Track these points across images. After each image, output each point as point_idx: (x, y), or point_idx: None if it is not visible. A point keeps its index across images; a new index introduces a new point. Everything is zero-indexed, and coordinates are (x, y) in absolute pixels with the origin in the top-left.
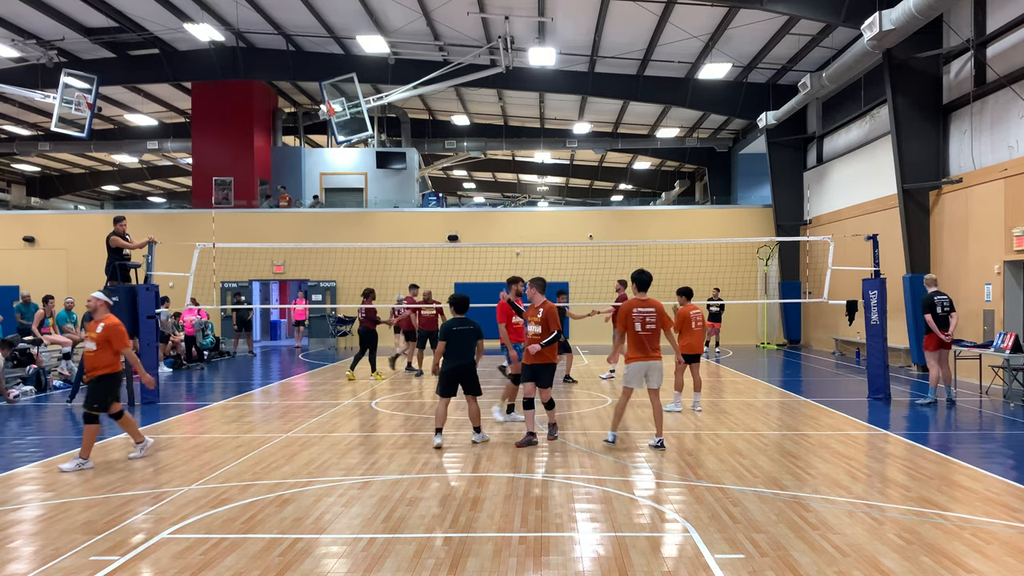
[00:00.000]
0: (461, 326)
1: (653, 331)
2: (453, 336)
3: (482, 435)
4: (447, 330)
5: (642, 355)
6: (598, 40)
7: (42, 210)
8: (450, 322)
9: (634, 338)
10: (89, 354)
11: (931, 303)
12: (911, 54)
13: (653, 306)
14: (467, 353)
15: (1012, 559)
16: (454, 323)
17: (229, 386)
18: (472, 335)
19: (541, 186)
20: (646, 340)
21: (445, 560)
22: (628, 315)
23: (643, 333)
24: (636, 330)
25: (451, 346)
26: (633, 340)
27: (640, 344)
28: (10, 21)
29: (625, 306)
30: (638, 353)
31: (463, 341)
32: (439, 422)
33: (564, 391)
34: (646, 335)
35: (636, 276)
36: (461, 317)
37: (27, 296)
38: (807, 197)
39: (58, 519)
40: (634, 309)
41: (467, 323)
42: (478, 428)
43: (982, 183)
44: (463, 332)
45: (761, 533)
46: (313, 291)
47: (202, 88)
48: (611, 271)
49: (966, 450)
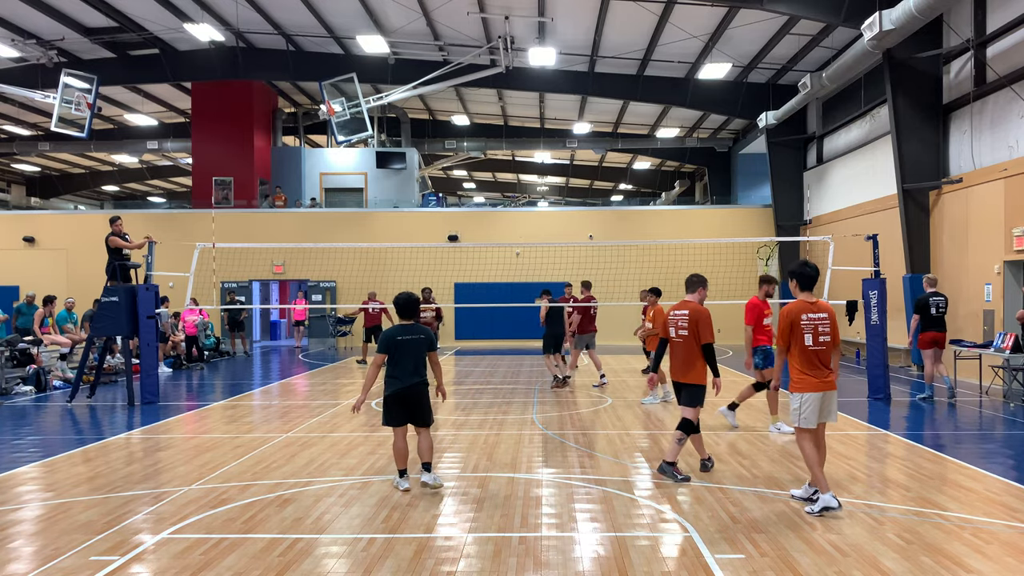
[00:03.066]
0: (407, 335)
1: (827, 344)
2: (396, 348)
3: (433, 476)
4: (388, 340)
5: (816, 379)
6: (598, 40)
7: (42, 210)
8: (392, 330)
9: (803, 354)
10: None
11: (925, 303)
12: (911, 54)
13: (825, 311)
14: (417, 370)
15: (1012, 559)
16: (398, 331)
17: (229, 386)
18: (422, 347)
19: (541, 186)
20: (817, 356)
21: (445, 560)
22: (796, 323)
23: (814, 348)
24: (806, 344)
25: (395, 361)
26: (801, 357)
27: (811, 363)
28: (10, 21)
29: (792, 310)
30: (809, 376)
31: (410, 355)
32: (400, 461)
33: (564, 390)
34: (818, 350)
35: (798, 271)
36: (408, 324)
37: (31, 296)
38: (807, 197)
39: (58, 519)
40: (803, 315)
41: (415, 331)
42: (428, 465)
43: (982, 183)
44: (409, 343)
45: (761, 533)
46: (313, 291)
47: (202, 88)
48: (611, 271)
49: (966, 450)
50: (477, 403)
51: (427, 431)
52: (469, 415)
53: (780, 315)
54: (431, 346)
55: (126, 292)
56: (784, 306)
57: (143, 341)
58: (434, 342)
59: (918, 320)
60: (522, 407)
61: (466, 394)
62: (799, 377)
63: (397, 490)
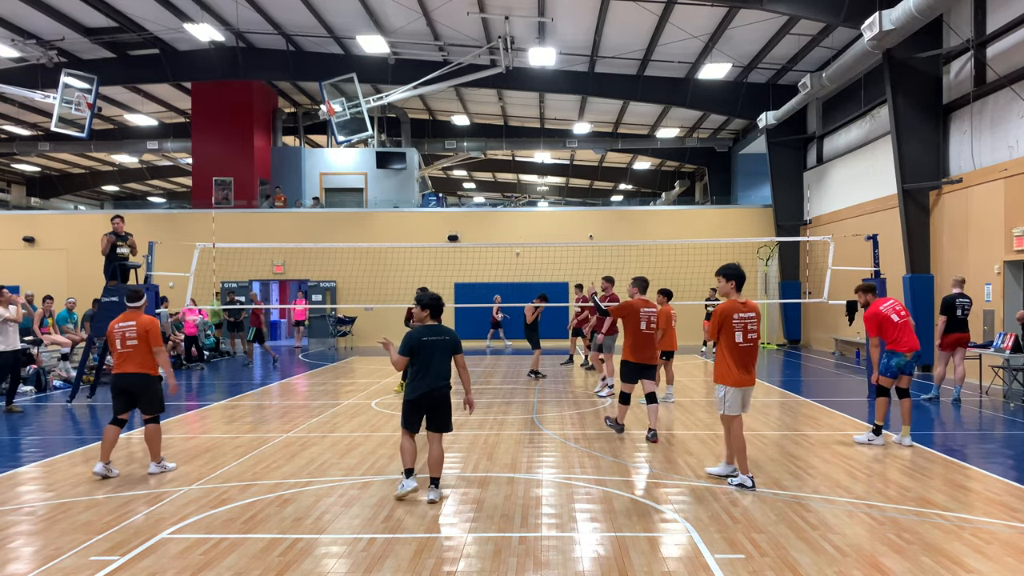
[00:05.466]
0: (432, 336)
1: (754, 342)
2: (420, 349)
3: (439, 492)
4: (411, 341)
5: (741, 374)
6: (598, 40)
7: (42, 210)
8: (416, 331)
9: (733, 351)
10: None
11: (952, 304)
12: (911, 54)
13: (754, 311)
14: (440, 373)
15: (1012, 559)
16: (422, 332)
17: (229, 386)
18: (447, 348)
19: (541, 186)
20: (748, 353)
21: (445, 560)
22: (727, 321)
23: (744, 345)
24: (736, 341)
25: (418, 364)
26: (731, 353)
27: (740, 359)
28: (10, 21)
29: (724, 309)
30: (736, 370)
31: (434, 357)
32: (407, 460)
33: (564, 390)
34: (747, 347)
35: (735, 273)
36: (433, 325)
37: (30, 296)
38: (807, 197)
39: (58, 519)
40: (735, 314)
41: (440, 332)
42: (436, 481)
43: (982, 183)
44: (434, 345)
45: (761, 533)
46: (313, 291)
47: (202, 88)
48: (611, 271)
49: (966, 450)
50: (477, 403)
51: (440, 439)
52: (469, 415)
53: (713, 313)
54: (456, 348)
55: (126, 292)
56: (717, 306)
57: None
58: (459, 344)
59: (945, 321)
60: (522, 407)
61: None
62: (726, 371)
63: (404, 492)
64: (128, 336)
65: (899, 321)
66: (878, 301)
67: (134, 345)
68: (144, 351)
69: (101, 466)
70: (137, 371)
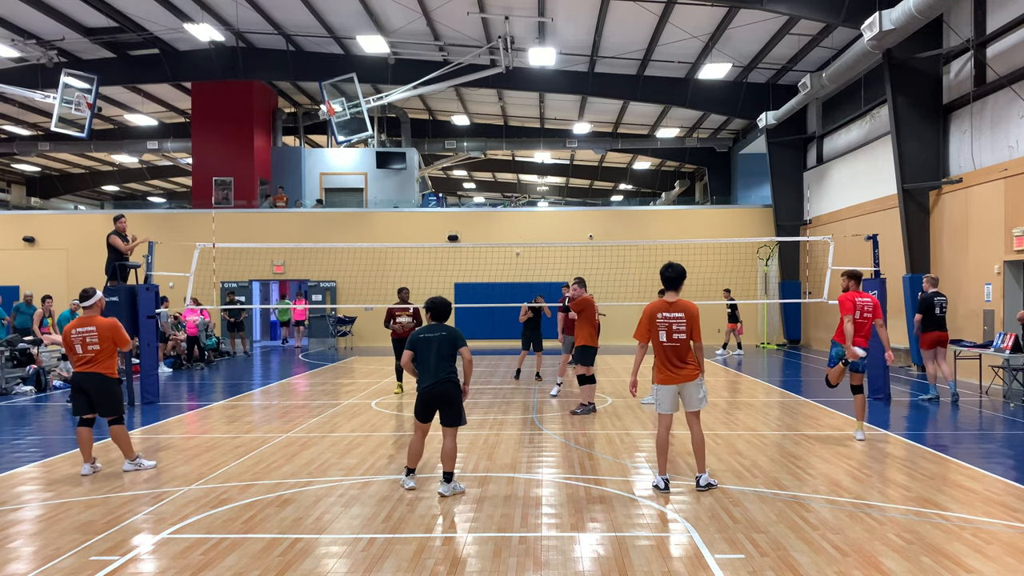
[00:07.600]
0: (429, 332)
1: (682, 342)
2: (419, 346)
3: (453, 486)
4: (412, 338)
5: (670, 372)
6: (598, 40)
7: (42, 210)
8: (419, 329)
9: (658, 350)
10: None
11: (930, 303)
12: (911, 54)
13: (682, 311)
14: (440, 368)
15: (1012, 559)
16: (422, 330)
17: (229, 386)
18: (444, 343)
19: (541, 186)
20: (674, 352)
21: (445, 560)
22: (652, 320)
23: (668, 344)
24: (660, 340)
25: (420, 360)
26: (657, 352)
27: (666, 358)
28: (10, 21)
29: (650, 309)
30: (664, 369)
31: (431, 352)
32: (411, 459)
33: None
34: (672, 346)
35: (663, 273)
36: (435, 324)
37: (29, 296)
38: (807, 197)
39: (58, 519)
40: (659, 313)
41: (437, 329)
42: (449, 475)
43: (982, 183)
44: (431, 341)
45: (761, 533)
46: (313, 291)
47: (202, 88)
48: (611, 271)
49: (966, 450)
50: (477, 403)
51: (453, 433)
52: (469, 415)
53: (643, 312)
54: (454, 342)
55: (126, 292)
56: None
57: (143, 341)
58: (458, 338)
59: (920, 320)
60: (522, 407)
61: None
62: (656, 370)
63: (402, 487)
64: (89, 341)
65: (858, 319)
66: (857, 292)
67: (96, 350)
68: (109, 353)
69: (87, 467)
70: (96, 371)
